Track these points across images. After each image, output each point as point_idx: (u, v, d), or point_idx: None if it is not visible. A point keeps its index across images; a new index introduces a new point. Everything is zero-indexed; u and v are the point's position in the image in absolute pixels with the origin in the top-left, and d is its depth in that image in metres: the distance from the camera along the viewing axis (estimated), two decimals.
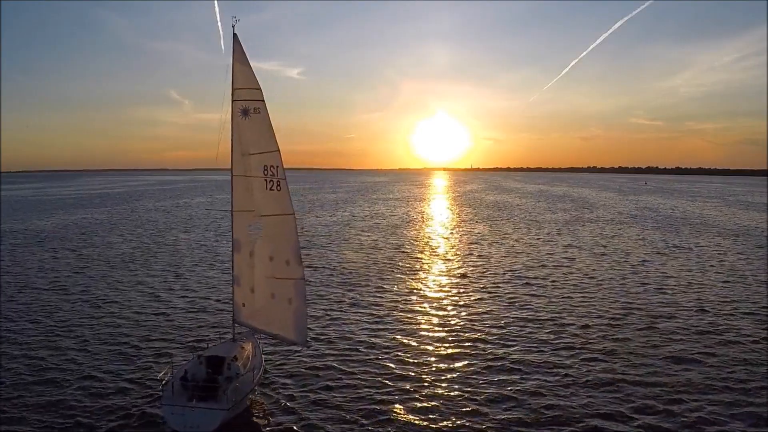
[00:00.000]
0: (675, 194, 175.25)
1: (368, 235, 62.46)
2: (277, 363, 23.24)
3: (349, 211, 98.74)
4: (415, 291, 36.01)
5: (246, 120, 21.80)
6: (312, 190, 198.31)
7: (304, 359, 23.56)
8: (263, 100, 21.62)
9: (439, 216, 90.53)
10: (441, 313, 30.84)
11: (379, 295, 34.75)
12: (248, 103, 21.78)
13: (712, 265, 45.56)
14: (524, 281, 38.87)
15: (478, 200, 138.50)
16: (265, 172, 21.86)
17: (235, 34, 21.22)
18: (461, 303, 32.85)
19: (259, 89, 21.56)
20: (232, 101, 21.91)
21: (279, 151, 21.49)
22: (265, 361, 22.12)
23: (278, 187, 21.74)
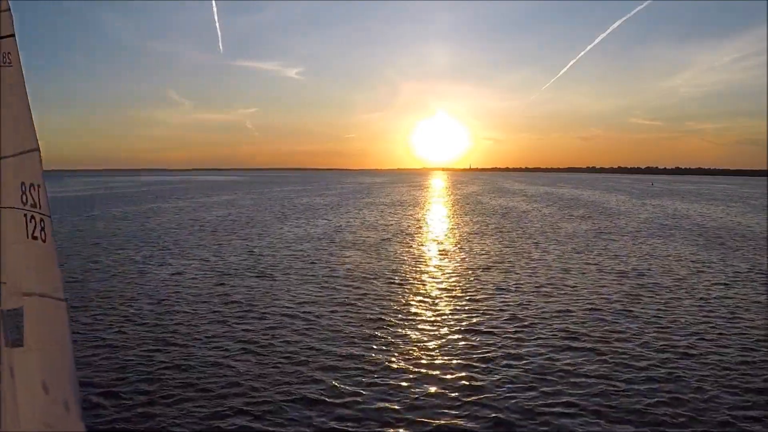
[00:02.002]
0: (689, 197, 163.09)
1: (348, 256, 49.39)
2: None
3: (332, 219, 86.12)
4: (405, 367, 22.97)
5: None
6: (302, 192, 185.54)
7: None
8: (14, 35, 8.79)
9: (438, 227, 77.75)
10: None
11: (346, 379, 21.88)
12: None
13: None
14: (569, 338, 25.72)
15: (480, 205, 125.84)
16: (24, 197, 9.13)
17: None
18: (484, 387, 19.97)
19: (9, 11, 8.68)
20: None
21: (39, 150, 8.82)
22: None
23: (43, 234, 9.04)
